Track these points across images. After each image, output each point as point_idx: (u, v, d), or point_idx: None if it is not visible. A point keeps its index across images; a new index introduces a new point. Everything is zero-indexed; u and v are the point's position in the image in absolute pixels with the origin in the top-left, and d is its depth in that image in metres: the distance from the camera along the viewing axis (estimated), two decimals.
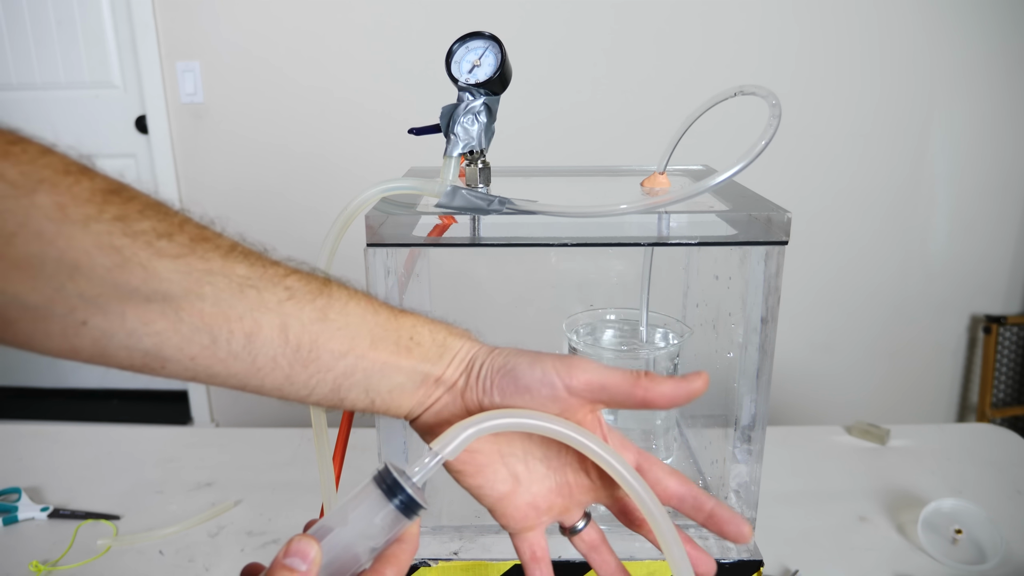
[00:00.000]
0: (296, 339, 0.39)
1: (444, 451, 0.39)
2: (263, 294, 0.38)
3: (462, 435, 0.39)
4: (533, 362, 0.42)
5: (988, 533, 0.85)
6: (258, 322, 0.37)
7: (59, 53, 2.42)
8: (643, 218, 0.58)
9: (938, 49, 2.13)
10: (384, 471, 0.39)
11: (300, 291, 0.39)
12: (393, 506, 0.39)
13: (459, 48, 0.60)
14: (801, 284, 2.31)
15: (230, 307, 0.37)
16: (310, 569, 0.36)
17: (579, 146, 2.25)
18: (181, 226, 0.37)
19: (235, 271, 0.37)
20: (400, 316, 0.43)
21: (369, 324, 0.41)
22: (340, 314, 0.40)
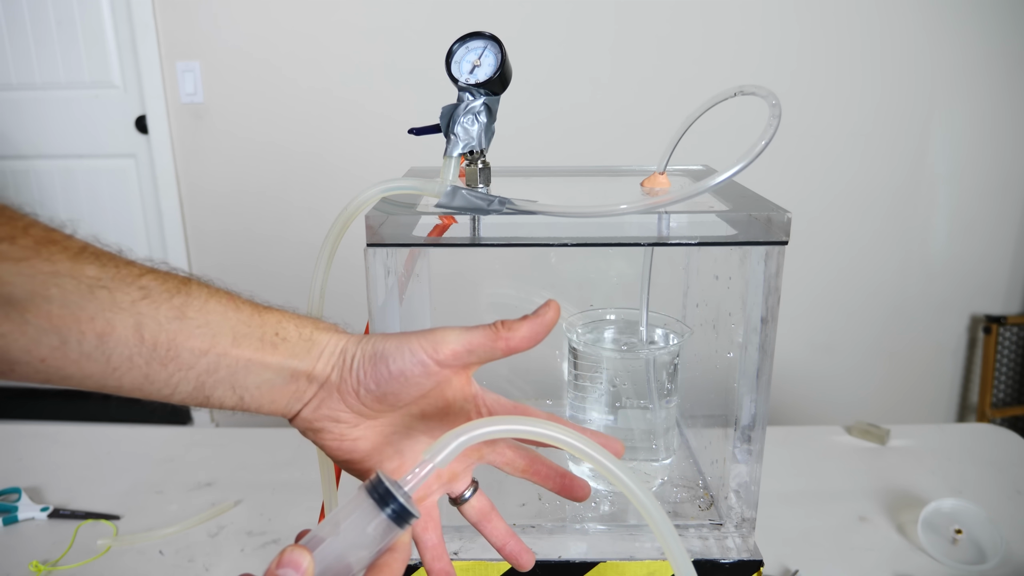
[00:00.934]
0: (152, 338, 0.38)
1: (435, 459, 0.39)
2: (115, 294, 0.37)
3: (453, 443, 0.39)
4: (400, 345, 0.42)
5: (988, 533, 0.85)
6: (110, 322, 0.37)
7: (59, 53, 2.41)
8: (643, 218, 0.58)
9: (938, 49, 2.13)
10: (376, 480, 0.39)
11: (156, 290, 0.39)
12: (385, 515, 0.39)
13: (459, 48, 0.60)
14: (801, 284, 2.31)
15: (80, 308, 0.36)
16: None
17: (579, 146, 2.25)
18: (26, 229, 0.36)
19: (84, 272, 0.37)
20: (264, 312, 0.43)
21: (231, 321, 0.41)
22: (199, 312, 0.40)
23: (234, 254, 2.46)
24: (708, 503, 0.72)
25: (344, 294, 1.52)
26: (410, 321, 0.76)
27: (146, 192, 2.54)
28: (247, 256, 2.44)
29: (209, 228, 2.45)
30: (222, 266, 2.47)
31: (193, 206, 2.44)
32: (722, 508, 0.69)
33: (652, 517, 0.40)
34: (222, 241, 2.46)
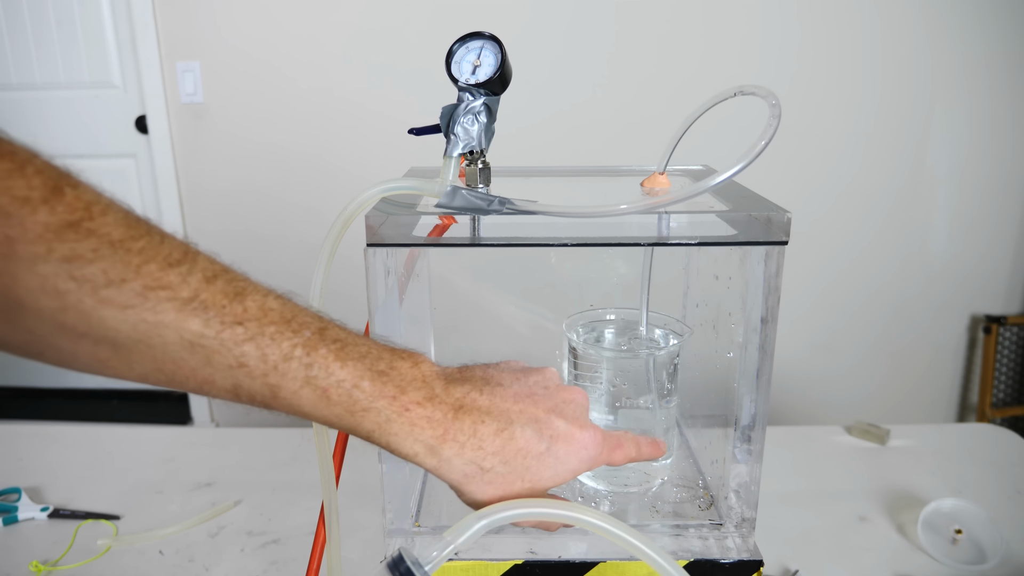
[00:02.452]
0: (250, 397, 0.38)
1: (457, 541, 0.42)
2: (213, 356, 0.36)
3: (476, 525, 0.42)
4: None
5: (988, 533, 0.85)
6: (210, 378, 0.37)
7: (59, 53, 2.42)
8: (643, 218, 0.58)
9: (939, 49, 2.13)
10: (398, 558, 0.41)
11: (254, 362, 0.37)
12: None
13: (459, 48, 0.60)
14: (801, 284, 2.31)
15: (181, 360, 0.36)
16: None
17: (579, 146, 2.25)
18: (138, 270, 0.34)
19: (188, 327, 0.35)
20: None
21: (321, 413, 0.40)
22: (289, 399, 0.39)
23: (234, 254, 2.43)
24: (708, 503, 0.72)
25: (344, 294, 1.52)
26: (410, 321, 0.76)
27: (146, 192, 2.54)
28: (247, 256, 2.43)
29: (209, 228, 2.45)
30: None
31: (193, 206, 2.44)
32: (722, 508, 0.69)
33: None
34: (222, 241, 2.45)
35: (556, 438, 0.44)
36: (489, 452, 0.43)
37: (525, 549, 0.65)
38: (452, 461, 0.43)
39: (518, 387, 0.46)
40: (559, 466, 0.44)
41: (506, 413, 0.44)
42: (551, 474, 0.44)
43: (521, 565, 0.64)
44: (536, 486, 0.44)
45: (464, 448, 0.42)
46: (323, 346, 0.38)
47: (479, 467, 0.43)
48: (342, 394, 0.39)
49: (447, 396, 0.43)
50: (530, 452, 0.44)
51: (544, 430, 0.44)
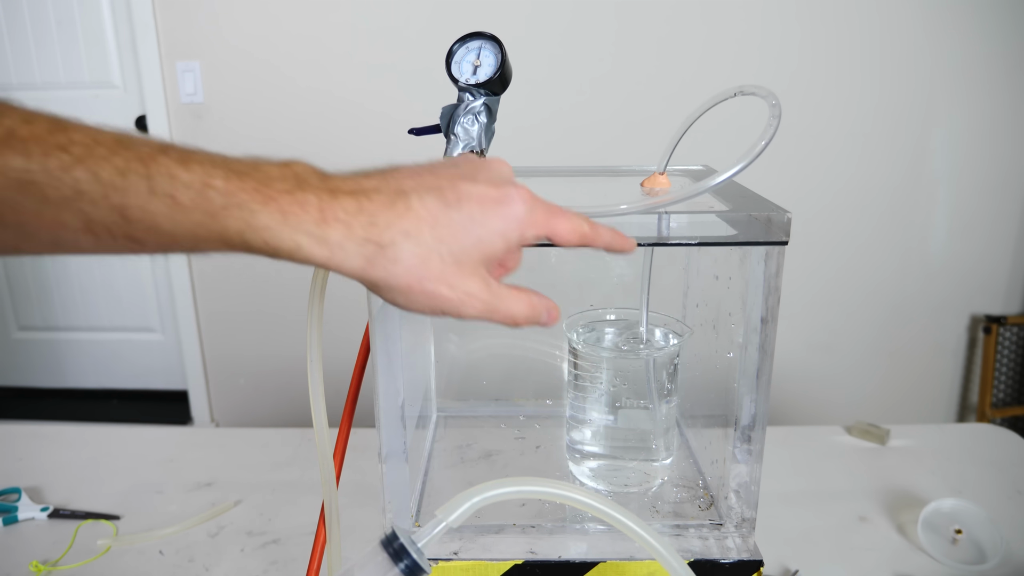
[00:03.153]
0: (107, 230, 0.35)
1: (449, 518, 0.41)
2: (47, 192, 0.33)
3: (466, 504, 0.41)
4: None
5: (988, 533, 0.85)
6: (58, 219, 0.34)
7: (59, 53, 2.42)
8: (643, 218, 0.58)
9: (938, 49, 2.13)
10: (391, 535, 0.41)
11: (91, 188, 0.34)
12: (399, 570, 0.41)
13: (459, 48, 0.60)
14: (801, 284, 2.31)
15: (19, 205, 0.33)
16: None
17: (579, 146, 2.25)
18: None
19: (10, 164, 0.33)
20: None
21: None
22: None
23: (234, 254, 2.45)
24: (708, 503, 0.72)
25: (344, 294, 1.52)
26: (410, 321, 0.76)
27: None
28: (247, 256, 2.44)
29: None
30: (222, 267, 2.47)
31: None
32: (722, 508, 0.69)
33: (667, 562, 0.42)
34: None
35: (466, 199, 0.39)
36: (384, 226, 0.37)
37: (525, 549, 0.65)
38: (344, 246, 0.37)
39: (419, 168, 0.40)
40: (478, 228, 0.39)
41: (397, 187, 0.38)
42: (472, 240, 0.38)
43: (521, 565, 0.64)
44: (461, 259, 0.38)
45: (352, 227, 0.37)
46: (163, 156, 0.34)
47: (377, 245, 0.37)
48: (193, 197, 0.34)
49: (322, 184, 0.38)
50: (437, 219, 0.38)
51: (449, 194, 0.39)
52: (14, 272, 2.69)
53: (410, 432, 0.69)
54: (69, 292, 2.69)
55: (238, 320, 2.52)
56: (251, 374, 2.56)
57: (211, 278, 2.50)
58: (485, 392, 0.92)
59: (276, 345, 2.50)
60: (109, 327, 2.75)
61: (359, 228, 0.37)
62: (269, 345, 2.51)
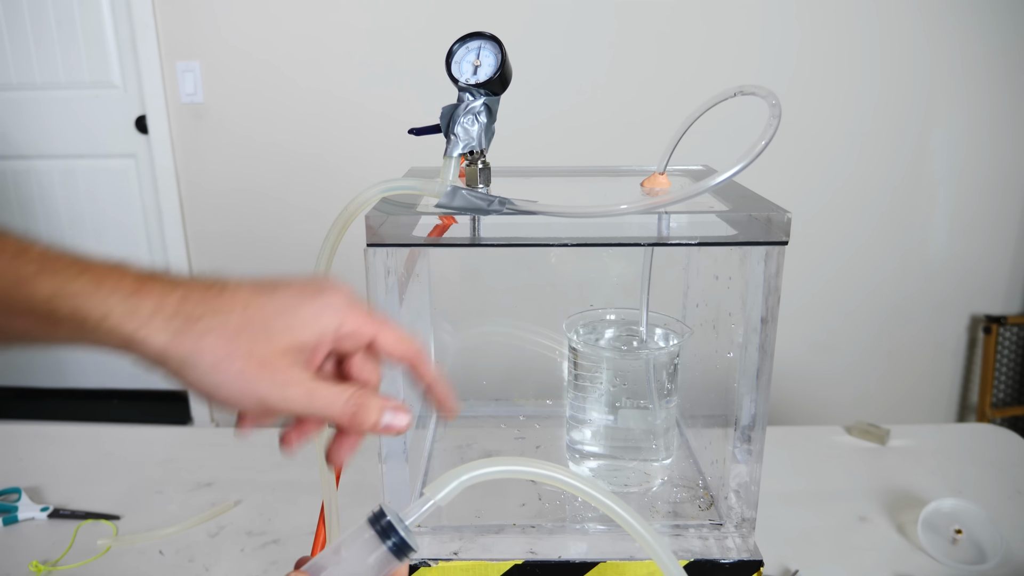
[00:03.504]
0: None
1: (437, 496, 0.41)
2: None
3: (455, 482, 0.41)
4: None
5: (988, 533, 0.85)
6: None
7: (59, 53, 2.41)
8: (643, 218, 0.58)
9: (938, 48, 2.13)
10: (379, 512, 0.41)
11: None
12: (386, 547, 0.40)
13: (459, 48, 0.60)
14: (801, 284, 2.31)
15: None
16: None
17: (579, 146, 2.25)
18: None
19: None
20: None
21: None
22: None
23: (234, 254, 2.46)
24: (708, 503, 0.72)
25: None
26: (410, 321, 0.76)
27: (146, 192, 2.54)
28: (247, 256, 2.44)
29: (209, 228, 2.45)
30: (222, 266, 2.47)
31: (193, 206, 2.44)
32: (722, 508, 0.69)
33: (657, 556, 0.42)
34: (222, 241, 2.46)
35: (283, 288, 0.39)
36: (196, 301, 0.36)
37: (525, 549, 0.65)
38: (154, 319, 0.35)
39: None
40: (291, 314, 0.38)
41: (218, 278, 0.39)
42: (284, 324, 0.38)
43: (521, 565, 0.64)
44: (271, 342, 0.37)
45: (165, 301, 0.36)
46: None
47: (188, 317, 0.36)
48: (5, 263, 0.34)
49: (146, 270, 0.37)
50: (250, 302, 0.37)
51: (266, 285, 0.39)
52: None
53: (410, 432, 0.69)
54: None
55: None
56: None
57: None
58: (485, 392, 0.92)
59: None
60: None
61: (172, 303, 0.36)
62: None
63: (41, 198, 2.58)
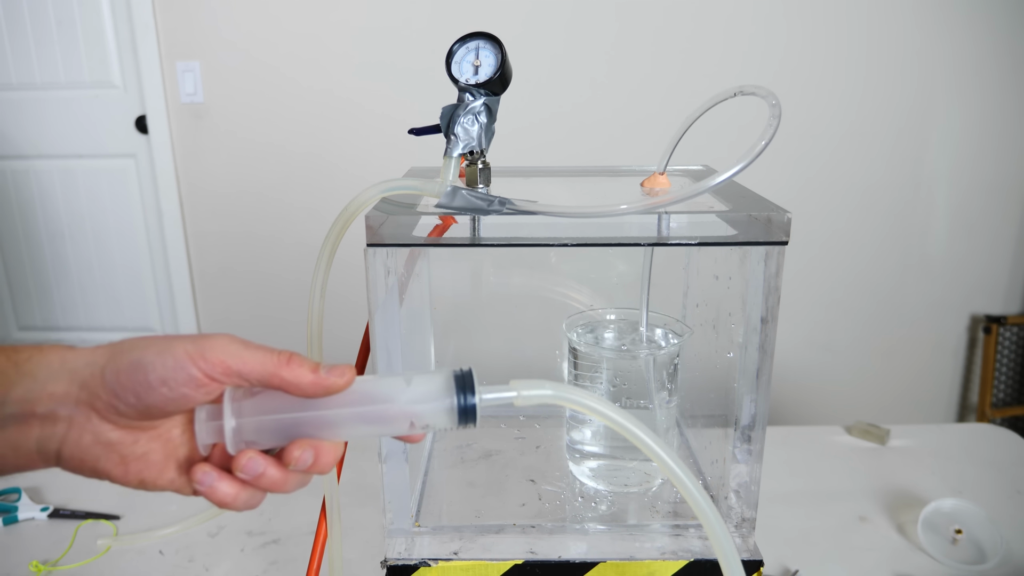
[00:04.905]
0: None
1: (523, 393, 0.42)
2: None
3: (543, 390, 0.42)
4: (163, 352, 0.39)
5: (988, 533, 0.85)
6: None
7: (59, 53, 2.41)
8: (643, 218, 0.58)
9: (937, 49, 2.13)
10: (467, 372, 0.41)
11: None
12: (455, 404, 0.40)
13: (459, 48, 0.60)
14: (801, 284, 2.31)
15: None
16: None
17: (579, 146, 2.25)
18: None
19: None
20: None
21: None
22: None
23: (234, 254, 2.46)
24: None
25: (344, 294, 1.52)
26: (410, 321, 0.76)
27: (146, 192, 2.54)
28: (247, 256, 2.44)
29: (209, 228, 2.45)
30: (222, 266, 2.47)
31: (193, 206, 2.44)
32: (722, 508, 0.69)
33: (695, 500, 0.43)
34: (222, 241, 2.46)
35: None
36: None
37: (525, 549, 0.65)
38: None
39: None
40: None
41: None
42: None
43: (521, 565, 0.64)
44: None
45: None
46: None
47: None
48: None
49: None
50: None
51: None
52: (14, 272, 2.69)
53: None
54: (69, 292, 2.69)
55: (238, 320, 2.52)
56: None
57: (211, 278, 2.50)
58: None
59: (276, 345, 2.47)
60: (109, 327, 2.74)
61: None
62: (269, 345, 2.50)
63: (41, 198, 2.58)
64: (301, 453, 0.40)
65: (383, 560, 0.64)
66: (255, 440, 0.41)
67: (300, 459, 0.40)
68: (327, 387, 0.41)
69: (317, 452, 0.41)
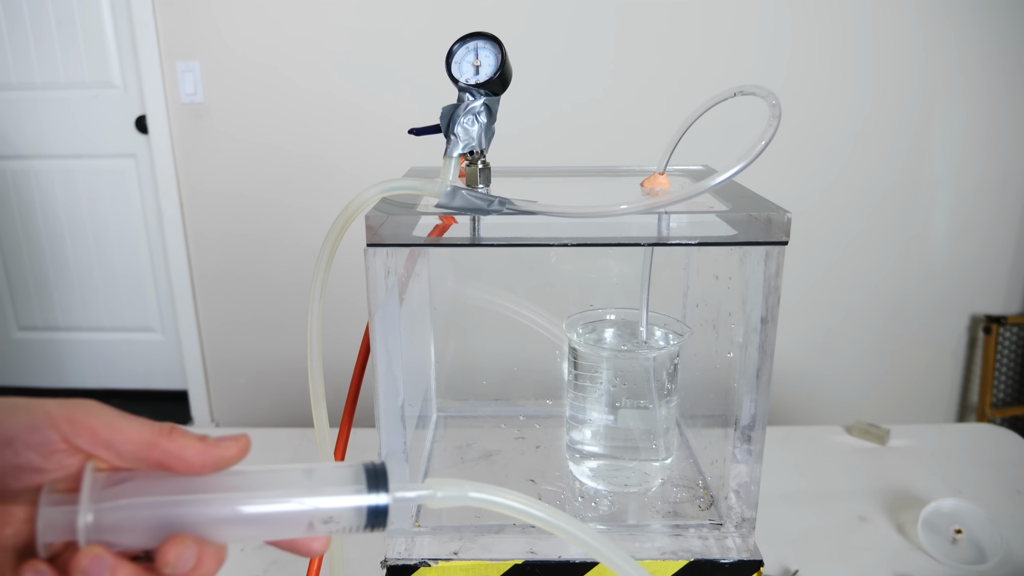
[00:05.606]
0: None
1: (438, 494, 0.37)
2: None
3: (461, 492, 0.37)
4: (20, 408, 0.33)
5: (988, 533, 0.85)
6: None
7: (59, 53, 2.41)
8: (643, 218, 0.58)
9: (937, 48, 2.13)
10: (380, 466, 0.36)
11: None
12: (365, 507, 0.35)
13: (459, 48, 0.60)
14: (801, 284, 2.31)
15: None
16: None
17: (579, 146, 2.25)
18: None
19: None
20: None
21: None
22: None
23: (234, 254, 2.46)
24: (708, 503, 0.72)
25: (344, 294, 1.52)
26: (410, 321, 0.76)
27: (146, 192, 2.54)
28: (247, 256, 2.44)
29: (209, 228, 2.45)
30: (222, 267, 2.47)
31: (193, 206, 2.44)
32: (722, 508, 0.69)
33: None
34: (222, 242, 2.46)
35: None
36: None
37: (525, 549, 0.65)
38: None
39: None
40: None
41: None
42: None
43: (521, 565, 0.64)
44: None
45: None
46: None
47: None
48: None
49: None
50: None
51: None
52: (14, 272, 2.69)
53: (410, 432, 0.69)
54: (69, 292, 2.69)
55: (238, 320, 2.52)
56: (251, 374, 2.56)
57: (211, 278, 2.50)
58: (485, 392, 0.92)
59: (276, 345, 2.50)
60: (109, 327, 2.75)
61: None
62: (269, 345, 2.51)
63: (41, 198, 2.58)
64: (183, 550, 0.32)
65: (383, 560, 0.64)
66: (114, 540, 0.32)
67: (181, 557, 0.32)
68: (217, 457, 0.34)
69: (201, 552, 0.33)
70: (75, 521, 0.32)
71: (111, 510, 0.32)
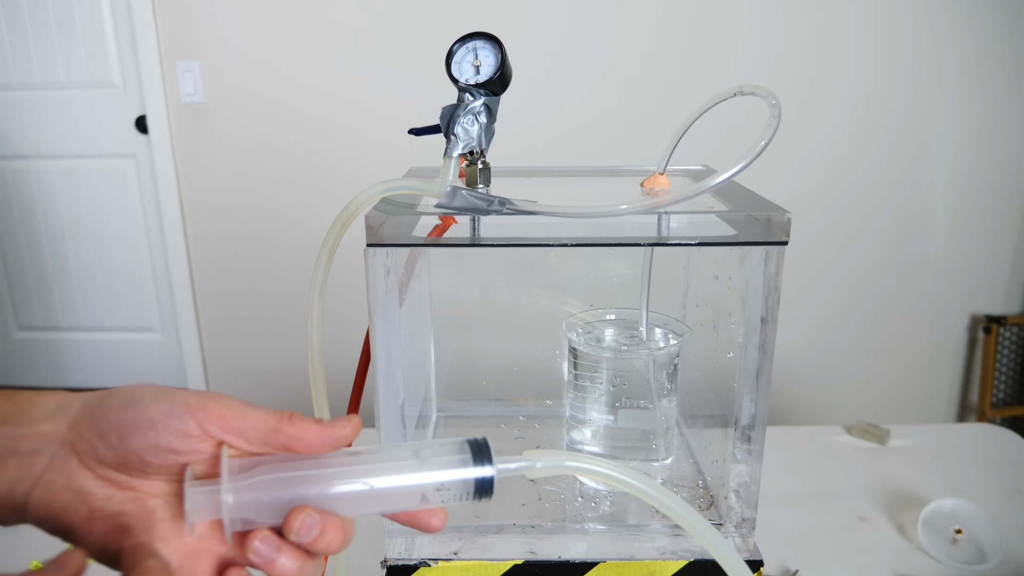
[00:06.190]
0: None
1: (536, 465, 0.39)
2: None
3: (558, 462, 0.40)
4: (162, 395, 0.37)
5: (988, 533, 0.85)
6: None
7: (59, 53, 2.41)
8: (643, 218, 0.58)
9: (937, 48, 2.13)
10: (483, 442, 0.39)
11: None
12: (472, 479, 0.38)
13: (459, 48, 0.60)
14: (801, 284, 2.31)
15: None
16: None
17: (580, 146, 2.25)
18: None
19: None
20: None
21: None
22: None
23: (234, 254, 2.46)
24: (708, 503, 0.72)
25: (344, 294, 1.52)
26: (410, 321, 0.76)
27: (146, 192, 2.54)
28: (247, 256, 2.44)
29: (209, 228, 2.45)
30: (222, 266, 2.47)
31: (193, 206, 2.44)
32: (722, 508, 0.69)
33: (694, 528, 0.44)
34: (222, 241, 2.46)
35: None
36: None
37: (525, 549, 0.65)
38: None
39: None
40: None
41: None
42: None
43: (521, 565, 0.64)
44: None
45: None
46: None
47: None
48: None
49: None
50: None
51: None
52: (14, 272, 2.69)
53: (410, 432, 0.69)
54: (69, 292, 2.69)
55: (238, 320, 2.52)
56: (251, 374, 2.56)
57: (211, 278, 2.50)
58: (485, 392, 0.92)
59: (276, 345, 2.50)
60: (109, 327, 2.74)
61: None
62: (269, 345, 2.51)
63: (41, 198, 2.58)
64: (305, 518, 0.36)
65: (383, 560, 0.64)
66: (252, 517, 0.36)
67: (304, 524, 0.36)
68: (334, 436, 0.38)
69: (324, 524, 0.37)
70: (218, 501, 0.35)
71: (246, 489, 0.36)
